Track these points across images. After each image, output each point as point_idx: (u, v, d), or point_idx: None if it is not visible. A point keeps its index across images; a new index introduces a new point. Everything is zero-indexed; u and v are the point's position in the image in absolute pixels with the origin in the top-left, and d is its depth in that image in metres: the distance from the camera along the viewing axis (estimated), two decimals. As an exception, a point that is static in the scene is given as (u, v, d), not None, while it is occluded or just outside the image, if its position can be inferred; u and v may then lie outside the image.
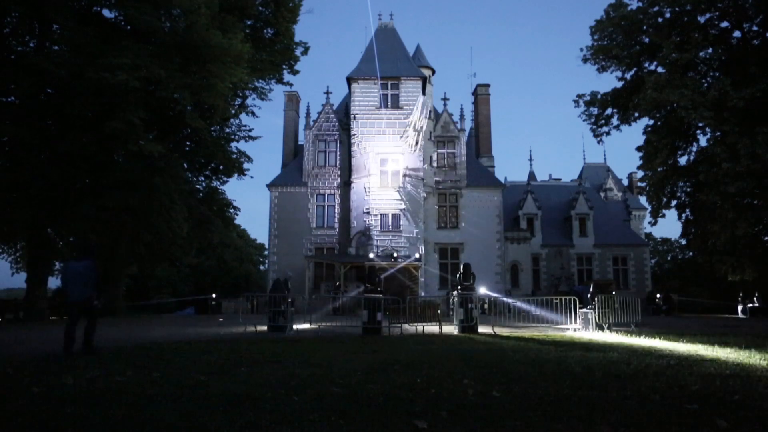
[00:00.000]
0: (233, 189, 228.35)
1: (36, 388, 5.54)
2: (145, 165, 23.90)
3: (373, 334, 14.35)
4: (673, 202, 32.01)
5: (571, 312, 15.99)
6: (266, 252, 49.05)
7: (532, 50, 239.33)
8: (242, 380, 6.09)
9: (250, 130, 32.60)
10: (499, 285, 36.02)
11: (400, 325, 15.66)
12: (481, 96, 41.95)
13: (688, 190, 32.04)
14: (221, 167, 31.04)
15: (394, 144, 34.84)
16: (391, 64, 36.09)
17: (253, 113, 33.50)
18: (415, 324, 16.14)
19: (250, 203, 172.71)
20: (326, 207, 37.17)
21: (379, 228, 34.00)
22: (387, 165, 34.77)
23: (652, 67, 31.37)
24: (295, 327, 16.18)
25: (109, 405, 4.72)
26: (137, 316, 31.21)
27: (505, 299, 30.45)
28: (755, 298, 32.36)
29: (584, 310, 17.16)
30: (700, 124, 28.58)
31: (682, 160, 31.18)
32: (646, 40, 30.78)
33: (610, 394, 5.14)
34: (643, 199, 44.06)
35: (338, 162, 37.44)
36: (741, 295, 33.23)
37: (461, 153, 37.83)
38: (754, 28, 29.68)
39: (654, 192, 30.78)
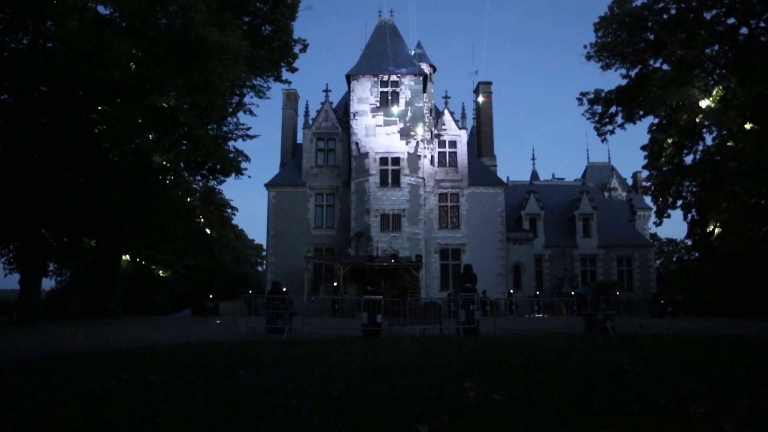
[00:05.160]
0: (231, 189, 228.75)
1: (39, 392, 5.44)
2: (141, 164, 23.50)
3: (373, 336, 14.09)
4: (679, 202, 31.60)
5: None
6: (264, 253, 48.64)
7: (535, 48, 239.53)
8: (240, 383, 6.06)
9: (248, 129, 32.15)
10: (502, 286, 35.54)
11: (400, 327, 15.27)
12: (483, 94, 41.53)
13: (694, 189, 31.60)
14: (218, 166, 30.61)
15: (395, 142, 34.39)
16: (392, 61, 35.67)
17: (251, 112, 33.06)
18: (416, 326, 15.73)
19: (249, 203, 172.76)
20: (325, 207, 36.75)
21: (379, 228, 33.53)
22: (387, 164, 34.33)
23: (657, 65, 31.01)
24: (293, 329, 15.79)
25: (104, 409, 4.64)
26: (133, 318, 30.82)
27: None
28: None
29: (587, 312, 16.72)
30: (706, 123, 28.16)
31: (688, 159, 30.76)
32: (651, 36, 30.39)
33: (614, 396, 5.09)
34: (648, 199, 43.59)
35: (338, 161, 37.01)
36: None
37: (462, 152, 37.40)
38: (762, 24, 29.22)
39: (659, 192, 30.34)
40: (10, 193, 22.68)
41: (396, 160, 34.36)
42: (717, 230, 28.95)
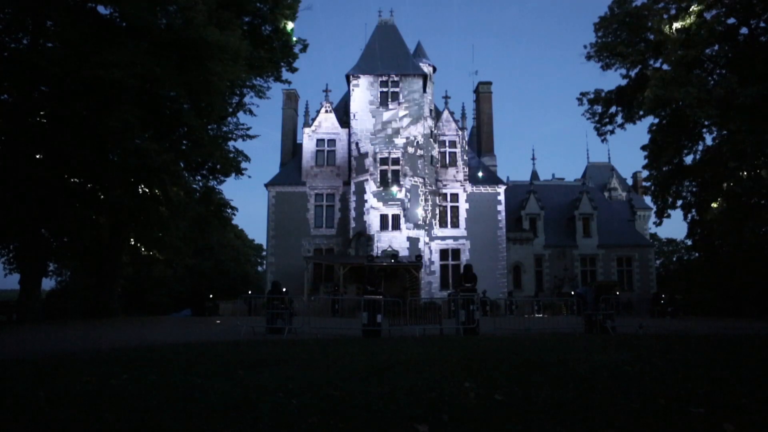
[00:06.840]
0: (231, 189, 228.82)
1: (40, 392, 5.40)
2: (141, 164, 23.46)
3: (373, 336, 14.08)
4: (679, 202, 31.61)
5: None
6: (264, 253, 48.65)
7: (535, 48, 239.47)
8: (240, 383, 6.02)
9: (248, 129, 32.11)
10: (502, 286, 35.53)
11: (400, 327, 15.27)
12: (483, 94, 41.56)
13: (694, 189, 31.61)
14: (218, 166, 30.57)
15: (395, 142, 34.38)
16: (392, 61, 35.66)
17: (251, 112, 33.03)
18: (416, 326, 15.73)
19: (249, 203, 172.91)
20: (325, 207, 36.73)
21: (379, 228, 33.52)
22: (387, 164, 34.32)
23: (657, 65, 30.95)
24: (293, 329, 15.78)
25: (104, 409, 4.61)
26: (133, 318, 30.82)
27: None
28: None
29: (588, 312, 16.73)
30: (706, 123, 28.16)
31: (688, 159, 30.76)
32: (651, 36, 30.33)
33: (615, 397, 5.07)
34: (648, 199, 43.60)
35: (338, 161, 37.00)
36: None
37: (462, 152, 37.38)
38: (761, 24, 29.21)
39: (659, 192, 30.34)
40: (11, 193, 22.67)
41: (396, 160, 34.36)
42: (717, 230, 28.97)
